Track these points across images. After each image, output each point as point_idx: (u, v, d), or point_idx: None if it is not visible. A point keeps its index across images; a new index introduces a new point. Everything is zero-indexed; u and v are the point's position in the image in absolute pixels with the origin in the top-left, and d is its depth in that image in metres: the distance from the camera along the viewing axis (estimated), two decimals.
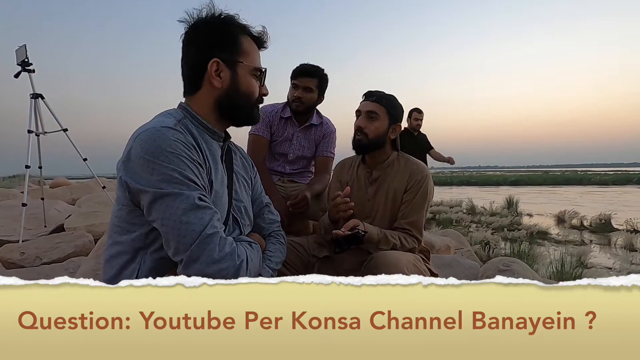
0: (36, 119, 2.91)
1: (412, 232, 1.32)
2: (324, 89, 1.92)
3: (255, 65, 0.90)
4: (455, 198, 10.84)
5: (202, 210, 0.76)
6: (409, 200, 1.34)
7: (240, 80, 0.88)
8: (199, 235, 0.74)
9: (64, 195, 4.73)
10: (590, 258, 4.59)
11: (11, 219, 3.14)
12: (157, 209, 0.75)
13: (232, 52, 0.87)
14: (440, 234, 3.53)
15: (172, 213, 0.74)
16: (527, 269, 2.22)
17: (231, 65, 0.87)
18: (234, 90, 0.88)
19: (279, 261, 1.01)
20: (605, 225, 6.88)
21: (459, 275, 1.91)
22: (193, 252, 0.74)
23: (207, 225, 0.76)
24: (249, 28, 0.90)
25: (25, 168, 2.81)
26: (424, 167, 1.38)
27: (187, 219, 0.74)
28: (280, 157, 1.99)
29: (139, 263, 0.82)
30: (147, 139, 0.77)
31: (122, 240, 0.83)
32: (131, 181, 0.77)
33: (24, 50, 2.81)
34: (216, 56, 0.86)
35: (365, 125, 1.34)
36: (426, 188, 1.34)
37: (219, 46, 0.86)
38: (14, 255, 2.35)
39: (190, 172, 0.77)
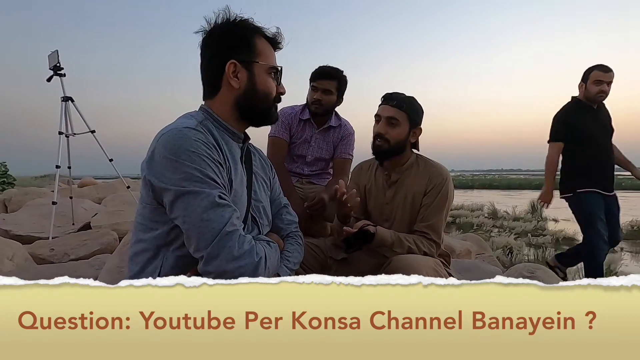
0: (66, 121, 3.04)
1: (429, 236, 1.29)
2: (343, 91, 1.92)
3: (271, 64, 0.92)
4: (477, 202, 10.56)
5: (222, 208, 0.78)
6: (428, 204, 1.31)
7: (257, 80, 0.91)
8: (219, 233, 0.76)
9: (90, 195, 4.93)
10: (621, 267, 4.37)
11: (42, 217, 3.30)
12: (179, 206, 0.78)
13: (248, 53, 0.90)
14: (460, 239, 3.46)
15: (193, 211, 0.77)
16: (552, 276, 2.15)
17: (247, 65, 0.90)
18: (251, 89, 0.91)
19: (297, 262, 1.02)
20: (637, 232, 6.52)
21: None
22: (213, 249, 0.76)
23: (227, 223, 0.78)
24: (263, 30, 0.93)
25: (55, 168, 2.93)
26: (443, 169, 1.35)
27: (208, 217, 0.76)
28: (299, 158, 2.00)
29: (162, 260, 0.84)
30: (169, 139, 0.80)
31: (145, 237, 0.86)
32: (154, 179, 0.79)
33: (56, 55, 2.96)
34: (233, 58, 0.88)
35: (386, 131, 1.30)
36: (446, 191, 1.31)
37: (235, 48, 0.89)
38: (44, 251, 2.46)
39: (210, 171, 0.80)
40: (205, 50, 0.92)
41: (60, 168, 2.94)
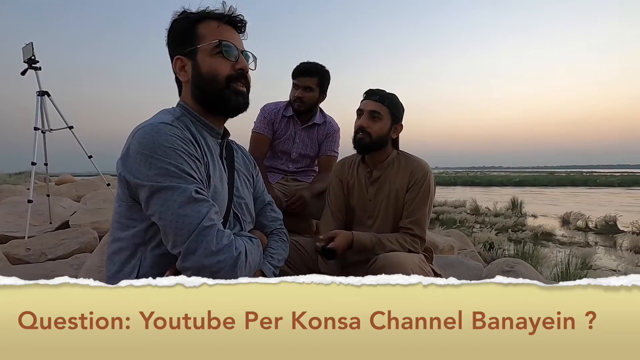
0: (42, 117, 2.94)
1: (413, 231, 1.31)
2: (326, 87, 1.90)
3: (212, 43, 0.87)
4: (459, 198, 10.79)
5: (199, 203, 0.77)
6: (411, 199, 1.33)
7: (200, 65, 0.87)
8: (196, 228, 0.75)
9: (69, 192, 4.78)
10: (595, 260, 4.55)
11: (17, 215, 3.18)
12: (155, 202, 0.76)
13: (189, 43, 0.88)
14: (443, 234, 3.52)
15: (170, 206, 0.75)
16: (531, 270, 2.21)
17: (190, 55, 0.88)
18: (197, 76, 0.88)
19: (281, 259, 1.02)
20: (610, 227, 6.83)
21: (462, 276, 1.90)
22: (191, 244, 0.75)
23: (205, 218, 0.76)
24: (206, 12, 0.89)
25: (31, 165, 2.84)
26: (424, 164, 1.37)
27: (184, 212, 0.75)
28: (283, 155, 1.99)
29: (140, 259, 0.83)
30: (144, 134, 0.79)
31: (123, 236, 0.85)
32: (129, 176, 0.78)
33: (30, 47, 2.83)
34: (177, 54, 0.90)
35: (368, 125, 1.33)
36: (428, 185, 1.34)
37: (178, 43, 0.90)
38: (20, 251, 2.38)
39: (187, 166, 0.79)
40: None
41: (36, 165, 2.84)
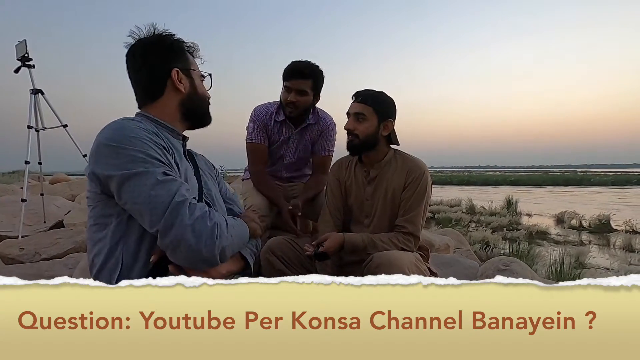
0: (36, 115, 2.90)
1: (407, 229, 1.32)
2: (320, 88, 1.77)
3: (202, 72, 1.05)
4: (455, 197, 10.85)
5: (169, 182, 0.80)
6: (407, 197, 1.34)
7: (196, 84, 1.01)
8: (169, 205, 0.78)
9: (63, 191, 4.74)
10: (589, 258, 4.60)
11: (11, 215, 3.14)
12: (126, 189, 0.79)
13: (185, 62, 0.99)
14: (439, 233, 3.54)
15: (141, 191, 0.78)
16: (526, 268, 2.22)
17: (187, 73, 0.99)
18: (194, 93, 1.00)
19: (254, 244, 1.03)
20: (604, 225, 6.90)
21: (458, 275, 1.91)
22: (166, 220, 0.78)
23: (176, 194, 0.79)
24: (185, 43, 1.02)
25: (24, 164, 2.81)
26: (421, 163, 1.38)
27: (156, 193, 0.78)
28: (278, 160, 1.94)
29: (121, 251, 0.85)
30: (109, 130, 0.84)
31: (102, 236, 0.86)
32: (99, 170, 0.81)
33: (24, 45, 2.80)
34: (175, 66, 0.96)
35: (354, 127, 1.34)
36: (424, 184, 1.34)
37: (175, 58, 0.98)
38: (14, 250, 2.35)
39: (153, 152, 0.82)
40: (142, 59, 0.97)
41: (29, 164, 2.82)
